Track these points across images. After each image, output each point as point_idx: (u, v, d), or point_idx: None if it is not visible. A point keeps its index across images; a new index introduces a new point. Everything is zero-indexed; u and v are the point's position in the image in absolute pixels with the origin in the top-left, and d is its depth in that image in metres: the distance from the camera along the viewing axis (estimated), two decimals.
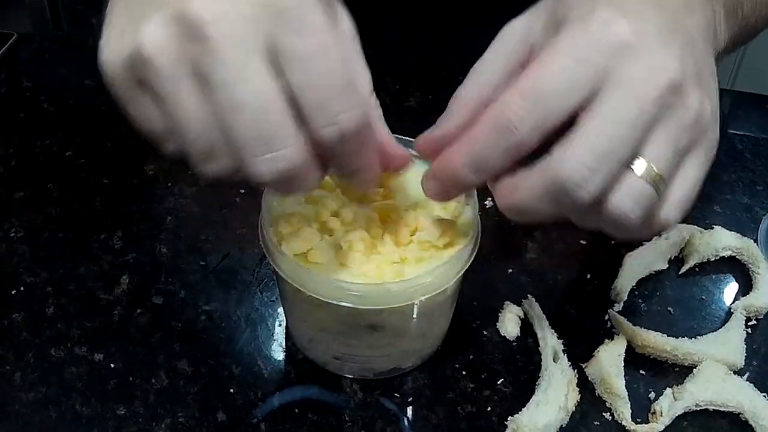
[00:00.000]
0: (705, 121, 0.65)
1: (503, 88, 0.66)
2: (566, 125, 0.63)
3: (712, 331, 0.92)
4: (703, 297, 0.97)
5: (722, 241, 1.00)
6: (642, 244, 0.99)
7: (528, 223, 0.72)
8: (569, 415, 0.83)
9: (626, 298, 0.95)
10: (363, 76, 0.68)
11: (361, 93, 0.62)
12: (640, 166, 0.62)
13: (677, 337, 0.89)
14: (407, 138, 0.81)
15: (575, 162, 0.60)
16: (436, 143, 0.71)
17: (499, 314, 0.93)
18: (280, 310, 0.93)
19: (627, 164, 0.62)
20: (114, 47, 0.61)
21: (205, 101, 0.58)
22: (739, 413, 0.84)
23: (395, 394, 0.85)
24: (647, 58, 0.62)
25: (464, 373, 0.87)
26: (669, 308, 0.95)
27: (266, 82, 0.58)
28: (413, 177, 0.80)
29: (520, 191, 0.65)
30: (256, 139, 0.58)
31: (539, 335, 0.90)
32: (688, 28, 0.67)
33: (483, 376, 0.87)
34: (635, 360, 0.89)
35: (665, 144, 0.63)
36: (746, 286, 0.98)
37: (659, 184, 0.63)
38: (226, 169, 0.61)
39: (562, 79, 0.62)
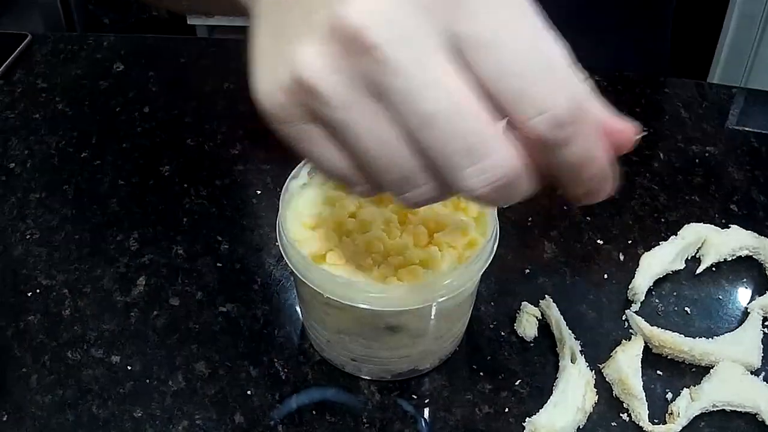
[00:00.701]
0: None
1: None
2: None
3: (729, 331, 0.92)
4: (720, 297, 0.97)
5: (739, 240, 0.99)
6: (659, 243, 0.99)
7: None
8: (587, 416, 0.83)
9: (643, 298, 0.94)
10: (560, 49, 0.52)
11: (565, 69, 0.51)
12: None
13: (694, 338, 0.89)
14: None
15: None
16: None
17: (517, 315, 0.92)
18: (298, 311, 0.93)
19: None
20: (269, 78, 0.55)
21: (389, 121, 0.51)
22: (756, 414, 0.84)
23: (413, 396, 0.85)
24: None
25: (482, 374, 0.87)
26: (686, 308, 0.95)
27: (454, 83, 0.50)
28: None
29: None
30: (458, 153, 0.50)
31: (556, 336, 0.90)
32: None
33: (500, 377, 0.87)
34: (652, 360, 0.88)
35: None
36: (763, 285, 0.98)
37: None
38: (432, 192, 0.54)
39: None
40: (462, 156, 0.50)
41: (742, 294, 0.97)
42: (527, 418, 0.82)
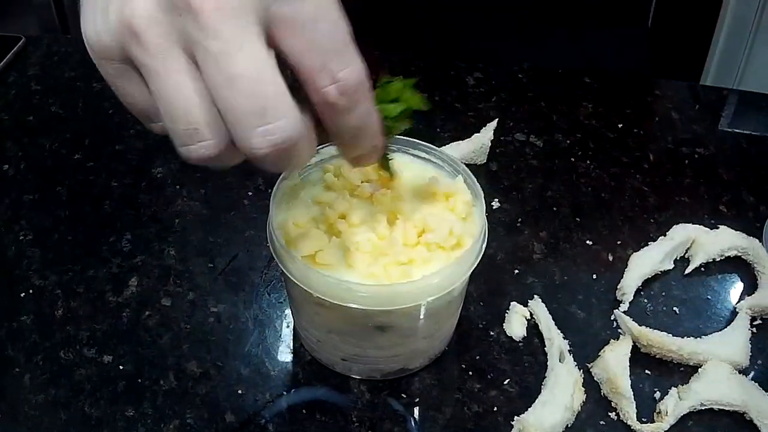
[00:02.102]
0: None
1: None
2: None
3: (718, 331, 0.92)
4: (709, 297, 0.97)
5: (728, 240, 1.00)
6: (648, 244, 1.00)
7: None
8: (575, 414, 0.83)
9: (632, 298, 0.95)
10: (349, 30, 0.62)
11: (353, 48, 0.61)
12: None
13: (682, 337, 0.90)
14: (414, 140, 0.82)
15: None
16: None
17: (506, 315, 0.93)
18: (288, 311, 0.93)
19: None
20: (99, 22, 0.59)
21: (196, 76, 0.58)
22: (744, 412, 0.84)
23: (402, 395, 0.86)
24: None
25: (471, 373, 0.88)
26: (674, 308, 0.95)
27: (262, 52, 0.57)
28: (419, 179, 0.81)
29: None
30: (252, 112, 0.57)
31: (545, 336, 0.90)
32: None
33: (489, 377, 0.88)
34: (641, 360, 0.89)
35: None
36: (751, 285, 0.98)
37: None
38: (214, 148, 0.60)
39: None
40: (255, 116, 0.57)
41: (731, 294, 0.98)
42: (516, 416, 0.82)
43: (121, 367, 0.88)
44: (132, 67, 0.60)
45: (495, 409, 0.85)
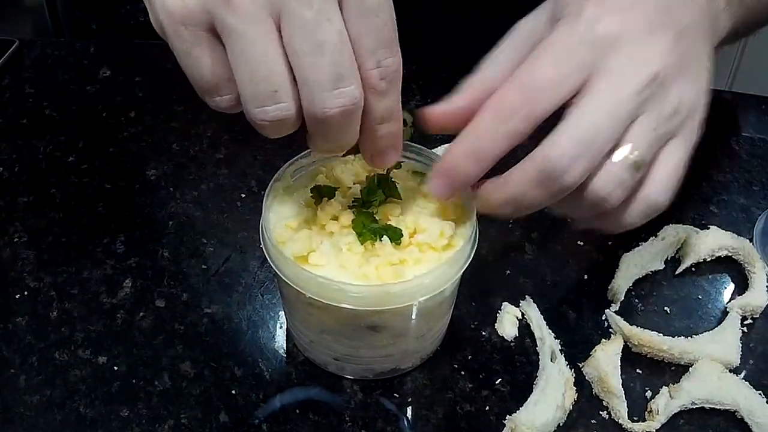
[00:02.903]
0: (684, 111, 0.70)
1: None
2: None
3: (708, 330, 0.92)
4: (700, 296, 0.98)
5: (718, 241, 1.00)
6: (639, 244, 1.00)
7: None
8: (566, 413, 0.84)
9: (623, 298, 0.96)
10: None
11: (397, 42, 0.68)
12: (620, 152, 0.67)
13: (673, 337, 0.90)
14: (407, 143, 0.82)
15: (560, 149, 0.66)
16: (442, 114, 0.76)
17: (498, 315, 0.93)
18: (281, 312, 0.94)
19: (609, 151, 0.67)
20: None
21: (280, 42, 0.63)
22: (735, 411, 0.85)
23: (395, 395, 0.86)
24: (633, 51, 0.67)
25: (463, 373, 0.88)
26: (665, 308, 0.96)
27: (342, 25, 0.63)
28: (411, 180, 0.81)
29: (511, 183, 0.70)
30: (330, 77, 0.63)
31: (537, 335, 0.91)
32: (680, 20, 0.71)
33: (481, 376, 0.88)
34: (632, 359, 0.89)
35: (645, 133, 0.67)
36: (742, 285, 0.99)
37: (638, 169, 0.68)
38: (288, 110, 0.65)
39: (552, 72, 0.68)
40: (331, 80, 0.63)
41: (721, 294, 0.98)
42: (508, 416, 0.83)
43: (115, 368, 0.88)
44: (212, 34, 0.64)
45: (487, 408, 0.85)
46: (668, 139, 0.71)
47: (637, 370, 0.89)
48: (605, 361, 0.86)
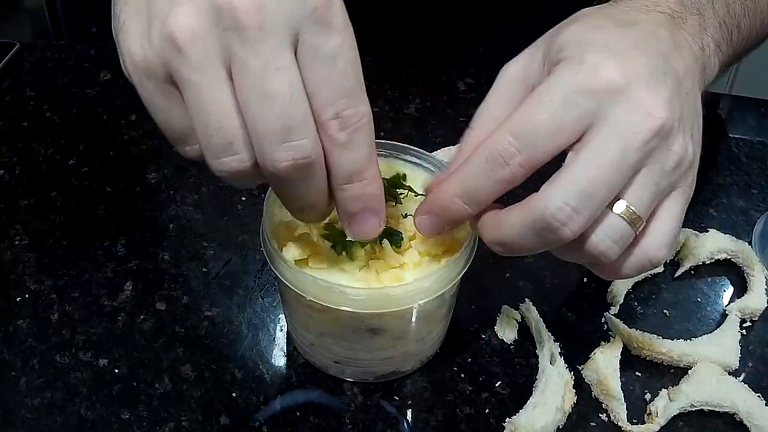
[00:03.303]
0: (686, 164, 0.67)
1: None
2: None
3: (708, 333, 0.93)
4: (699, 299, 0.98)
5: (717, 244, 1.01)
6: None
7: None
8: (566, 416, 0.84)
9: (622, 301, 0.96)
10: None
11: (363, 91, 0.64)
12: (620, 206, 0.65)
13: (673, 339, 0.90)
14: (406, 145, 0.82)
15: (560, 201, 0.63)
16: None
17: (497, 318, 0.94)
18: (282, 315, 0.94)
19: (609, 204, 0.65)
20: (140, 39, 0.62)
21: (233, 91, 0.61)
22: (734, 413, 0.85)
23: (395, 397, 0.87)
24: (636, 102, 0.64)
25: (462, 375, 0.88)
26: (665, 311, 0.96)
27: (296, 75, 0.60)
28: (410, 184, 0.81)
29: (506, 226, 0.67)
30: (281, 129, 0.60)
31: (536, 338, 0.91)
32: (676, 68, 0.69)
33: (481, 379, 0.88)
34: (631, 362, 0.90)
35: (646, 186, 0.65)
36: (741, 288, 0.99)
37: (636, 223, 0.66)
38: (245, 165, 0.63)
39: (551, 120, 0.64)
40: (280, 132, 0.60)
41: (720, 296, 0.99)
42: (507, 418, 0.83)
43: (116, 371, 0.88)
44: (173, 86, 0.62)
45: (487, 411, 0.85)
46: (669, 192, 0.69)
47: (637, 373, 0.89)
48: (604, 364, 0.87)
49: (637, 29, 0.70)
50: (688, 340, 0.91)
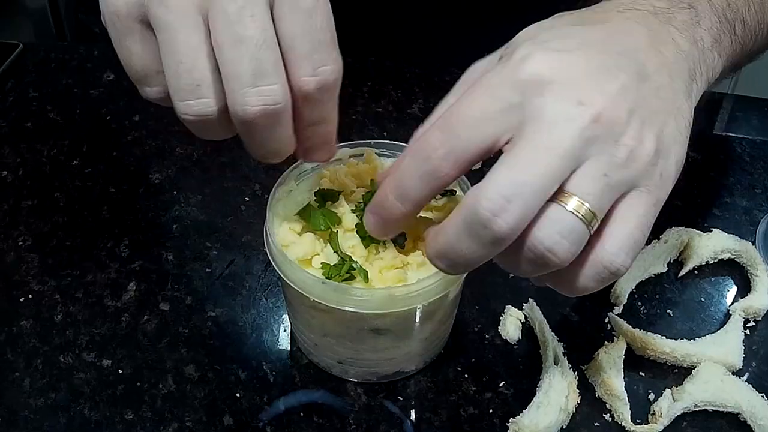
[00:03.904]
0: (643, 159, 0.63)
1: None
2: None
3: (711, 333, 0.93)
4: (702, 299, 0.98)
5: (721, 243, 1.01)
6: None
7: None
8: (570, 416, 0.84)
9: (626, 301, 0.96)
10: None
11: (337, 47, 0.66)
12: (566, 199, 0.60)
13: (676, 339, 0.90)
14: (403, 144, 0.82)
15: (491, 192, 0.59)
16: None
17: (501, 318, 0.94)
18: (285, 315, 0.94)
19: (552, 198, 0.60)
20: None
21: (207, 37, 0.63)
22: (738, 413, 0.85)
23: (399, 397, 0.87)
24: (567, 93, 0.61)
25: (466, 376, 0.89)
26: (668, 310, 0.96)
27: (269, 23, 0.63)
28: None
29: (441, 233, 0.64)
30: (252, 72, 0.62)
31: (540, 338, 0.91)
32: (644, 63, 0.66)
33: (485, 379, 0.88)
34: (635, 362, 0.90)
35: (593, 179, 0.61)
36: (744, 288, 0.99)
37: (589, 219, 0.61)
38: (211, 108, 0.64)
39: (473, 111, 0.63)
40: (254, 76, 0.62)
41: (724, 296, 0.99)
42: (511, 418, 0.83)
43: (120, 371, 0.88)
44: (145, 26, 0.64)
45: (490, 411, 0.85)
46: (627, 190, 0.63)
47: (640, 373, 0.89)
48: (608, 364, 0.87)
49: (601, 27, 0.68)
50: (692, 340, 0.91)
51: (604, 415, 0.85)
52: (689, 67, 0.70)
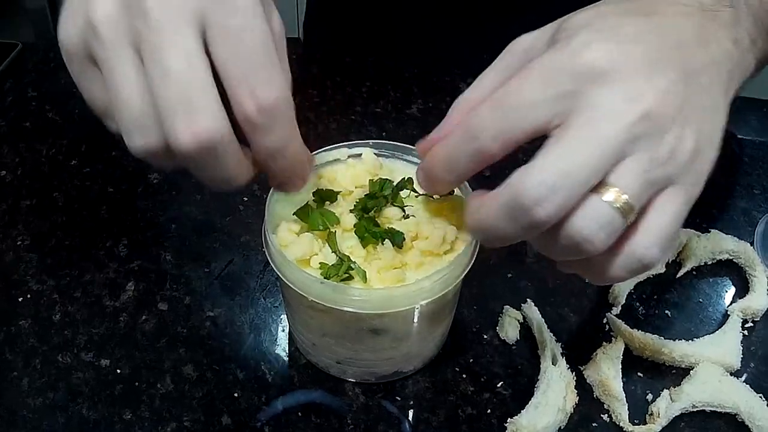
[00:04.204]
0: (683, 157, 0.63)
1: None
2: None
3: (709, 334, 0.93)
4: (701, 300, 0.98)
5: (719, 244, 1.01)
6: None
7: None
8: (568, 416, 0.84)
9: (624, 301, 0.96)
10: (285, 74, 0.67)
11: (279, 67, 0.64)
12: (606, 192, 0.61)
13: (674, 340, 0.90)
14: (408, 146, 0.82)
15: (535, 179, 0.60)
16: (431, 145, 0.71)
17: (499, 318, 0.94)
18: (284, 315, 0.94)
19: (592, 189, 0.61)
20: (69, 23, 0.65)
21: (138, 69, 0.62)
22: (736, 414, 0.85)
23: (397, 398, 0.87)
24: (623, 86, 0.62)
25: (464, 376, 0.89)
26: (666, 311, 0.96)
27: (194, 51, 0.61)
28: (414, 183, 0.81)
29: (483, 209, 0.65)
30: (179, 103, 0.60)
31: (538, 339, 0.91)
32: (691, 61, 0.66)
33: (483, 379, 0.88)
34: (633, 362, 0.90)
35: (635, 174, 0.62)
36: (743, 288, 0.99)
37: (627, 212, 0.62)
38: (153, 142, 0.63)
39: (526, 96, 0.63)
40: (181, 107, 0.60)
41: (722, 297, 0.99)
42: (509, 418, 0.83)
43: (118, 371, 0.88)
44: (94, 65, 0.65)
45: (488, 411, 0.85)
46: (664, 186, 0.64)
47: (638, 374, 0.89)
48: (606, 365, 0.87)
49: (651, 19, 0.68)
50: (690, 341, 0.91)
51: (602, 415, 0.85)
52: (730, 66, 0.70)
